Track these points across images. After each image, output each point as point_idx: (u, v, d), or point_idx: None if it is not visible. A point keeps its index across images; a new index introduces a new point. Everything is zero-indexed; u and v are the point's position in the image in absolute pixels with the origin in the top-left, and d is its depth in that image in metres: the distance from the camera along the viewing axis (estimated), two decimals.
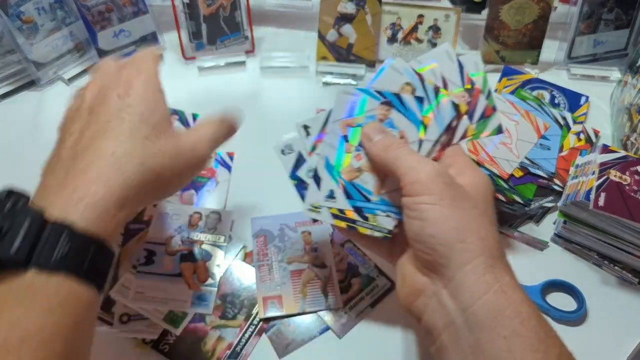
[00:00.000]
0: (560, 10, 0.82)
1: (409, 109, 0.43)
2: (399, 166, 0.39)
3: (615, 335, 0.51)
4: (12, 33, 0.70)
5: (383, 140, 0.41)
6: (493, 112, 0.44)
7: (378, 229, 0.43)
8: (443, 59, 0.45)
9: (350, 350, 0.50)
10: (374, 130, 0.42)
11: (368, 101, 0.43)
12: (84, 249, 0.34)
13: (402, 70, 0.44)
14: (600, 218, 0.53)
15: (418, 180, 0.37)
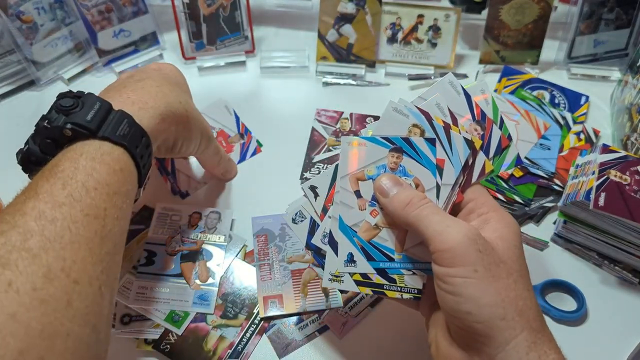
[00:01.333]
0: (560, 10, 0.82)
1: (421, 153, 0.40)
2: (424, 229, 0.36)
3: (615, 335, 0.51)
4: (12, 33, 0.70)
5: (400, 196, 0.38)
6: (509, 143, 0.41)
7: (407, 290, 0.39)
8: (448, 91, 0.42)
9: (350, 350, 0.50)
10: (388, 183, 0.39)
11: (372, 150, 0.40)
12: (138, 136, 0.42)
13: (405, 111, 0.40)
14: (600, 218, 0.53)
15: (449, 249, 0.34)
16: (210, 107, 0.71)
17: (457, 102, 0.41)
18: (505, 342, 0.33)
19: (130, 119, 0.42)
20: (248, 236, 0.57)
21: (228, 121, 0.70)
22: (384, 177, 0.39)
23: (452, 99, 0.41)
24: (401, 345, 0.50)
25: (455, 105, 0.41)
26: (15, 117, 0.73)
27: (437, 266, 0.35)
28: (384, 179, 0.39)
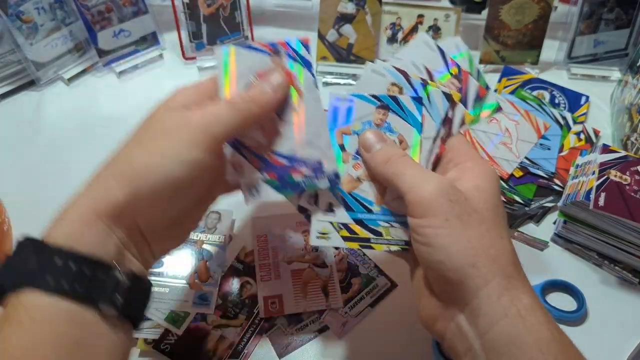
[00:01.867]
0: (560, 10, 0.82)
1: (407, 111, 0.41)
2: (400, 183, 0.36)
3: (615, 335, 0.51)
4: (12, 33, 0.70)
5: (382, 152, 0.39)
6: (487, 91, 0.42)
7: (394, 242, 0.40)
8: (422, 49, 0.43)
9: (350, 350, 0.50)
10: (372, 138, 0.39)
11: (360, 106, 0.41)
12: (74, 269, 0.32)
13: (383, 71, 0.42)
14: (600, 218, 0.53)
15: (421, 201, 0.35)
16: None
17: (432, 59, 0.43)
18: (477, 289, 0.33)
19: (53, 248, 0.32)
20: (248, 236, 0.57)
21: None
22: (369, 132, 0.40)
23: (427, 57, 0.43)
24: (401, 345, 0.50)
25: (431, 62, 0.43)
26: (15, 117, 0.73)
27: (411, 218, 0.36)
28: (369, 134, 0.40)
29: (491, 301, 0.33)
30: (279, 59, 0.40)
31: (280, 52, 0.40)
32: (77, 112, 0.74)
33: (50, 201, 0.62)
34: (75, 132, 0.71)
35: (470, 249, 0.33)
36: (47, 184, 0.64)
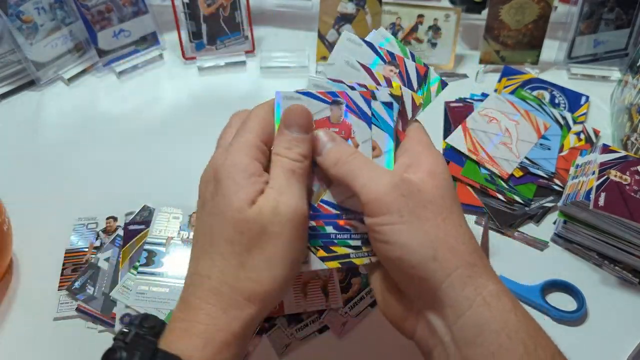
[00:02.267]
0: (560, 10, 0.82)
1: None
2: (352, 183, 0.35)
3: (615, 335, 0.51)
4: (12, 33, 0.70)
5: (332, 152, 0.37)
6: (427, 69, 0.41)
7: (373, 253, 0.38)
8: (350, 46, 0.42)
9: (350, 350, 0.50)
10: (324, 137, 0.37)
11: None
12: None
13: (326, 85, 0.41)
14: (600, 218, 0.53)
15: (374, 199, 0.34)
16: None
17: (362, 53, 0.42)
18: (441, 282, 0.33)
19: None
20: None
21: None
22: (320, 132, 0.38)
23: (357, 53, 0.42)
24: (401, 345, 0.50)
25: (362, 57, 0.42)
26: (15, 117, 0.73)
27: (367, 218, 0.34)
28: (320, 133, 0.38)
29: (456, 292, 0.32)
30: (338, 108, 0.39)
31: (341, 103, 0.39)
32: (77, 112, 0.74)
33: (50, 201, 0.62)
34: (75, 132, 0.71)
35: (429, 242, 0.33)
36: (47, 184, 0.64)
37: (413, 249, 0.33)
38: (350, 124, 0.39)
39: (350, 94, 0.39)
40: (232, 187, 0.33)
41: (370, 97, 0.39)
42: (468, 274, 0.33)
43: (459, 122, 0.68)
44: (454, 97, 0.74)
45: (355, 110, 0.39)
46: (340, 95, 0.39)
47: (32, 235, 0.57)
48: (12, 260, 0.55)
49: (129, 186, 0.62)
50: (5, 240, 0.52)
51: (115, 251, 0.56)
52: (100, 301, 0.52)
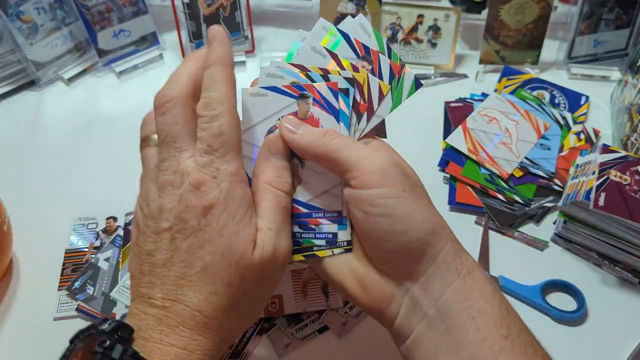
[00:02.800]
0: (560, 10, 0.83)
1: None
2: (346, 156, 0.34)
3: (615, 335, 0.51)
4: (12, 33, 0.70)
5: (313, 129, 0.36)
6: (402, 67, 0.39)
7: (336, 245, 0.37)
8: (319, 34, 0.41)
9: (350, 350, 0.50)
10: (293, 121, 0.36)
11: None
12: None
13: (279, 73, 0.39)
14: (600, 218, 0.53)
15: (376, 170, 0.33)
16: None
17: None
18: (435, 255, 0.34)
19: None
20: None
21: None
22: (286, 119, 0.37)
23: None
24: None
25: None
26: (15, 117, 0.73)
27: (363, 190, 0.33)
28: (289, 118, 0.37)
29: (447, 265, 0.34)
30: (304, 103, 0.38)
31: (307, 97, 0.38)
32: (77, 112, 0.74)
33: (50, 201, 0.62)
34: (75, 132, 0.71)
35: (428, 217, 0.34)
36: (47, 184, 0.64)
37: (416, 222, 0.33)
38: (318, 118, 0.38)
39: (317, 87, 0.38)
40: (233, 228, 0.32)
41: (337, 89, 0.38)
42: (455, 247, 0.35)
43: (459, 122, 0.68)
44: (454, 97, 0.74)
45: (323, 104, 0.38)
46: (307, 88, 0.38)
47: (32, 235, 0.57)
48: (12, 260, 0.55)
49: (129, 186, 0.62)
50: (5, 240, 0.52)
51: (115, 251, 0.56)
52: (100, 301, 0.52)
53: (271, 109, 0.38)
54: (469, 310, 0.33)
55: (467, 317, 0.33)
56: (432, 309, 0.34)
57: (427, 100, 0.75)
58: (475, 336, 0.33)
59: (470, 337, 0.33)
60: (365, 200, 0.34)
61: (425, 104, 0.74)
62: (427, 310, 0.34)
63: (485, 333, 0.33)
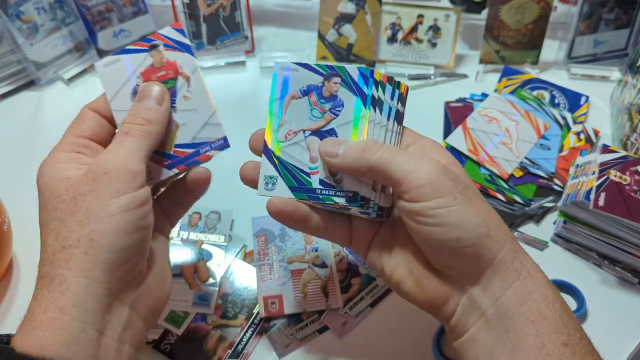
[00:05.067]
0: (560, 10, 0.83)
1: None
2: (391, 171, 0.34)
3: (615, 335, 0.51)
4: (12, 33, 0.70)
5: (353, 147, 0.36)
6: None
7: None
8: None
9: (350, 350, 0.50)
10: (333, 143, 0.37)
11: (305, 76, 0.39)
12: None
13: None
14: (600, 218, 0.53)
15: (426, 183, 0.33)
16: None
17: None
18: (493, 257, 0.34)
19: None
20: (248, 236, 0.57)
21: None
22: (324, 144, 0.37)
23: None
24: (401, 345, 0.50)
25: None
26: (15, 117, 0.73)
27: (414, 203, 0.34)
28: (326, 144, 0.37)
29: (506, 266, 0.34)
30: (157, 52, 0.40)
31: (157, 45, 0.40)
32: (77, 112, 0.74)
33: None
34: None
35: (482, 221, 0.34)
36: None
37: (470, 227, 0.34)
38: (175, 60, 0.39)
39: (163, 32, 0.40)
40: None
41: (182, 27, 0.40)
42: (514, 248, 0.35)
43: (459, 122, 0.68)
44: (454, 97, 0.74)
45: (173, 45, 0.40)
46: (154, 37, 0.40)
47: (32, 235, 0.57)
48: (12, 260, 0.55)
49: None
50: (5, 240, 0.52)
51: None
52: None
53: (127, 71, 0.39)
54: (528, 314, 0.33)
55: (526, 320, 0.33)
56: (490, 309, 0.34)
57: (427, 100, 0.75)
58: (535, 341, 0.33)
59: (530, 341, 0.33)
60: (418, 212, 0.34)
61: (425, 104, 0.74)
62: (485, 310, 0.35)
63: (545, 339, 0.33)
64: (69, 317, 0.31)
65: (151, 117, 0.37)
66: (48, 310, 0.31)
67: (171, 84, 0.39)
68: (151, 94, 0.38)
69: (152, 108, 0.38)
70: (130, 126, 0.37)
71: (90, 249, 0.32)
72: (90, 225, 0.32)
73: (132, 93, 0.39)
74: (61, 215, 0.33)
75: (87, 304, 0.32)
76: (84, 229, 0.32)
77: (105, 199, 0.33)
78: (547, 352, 0.32)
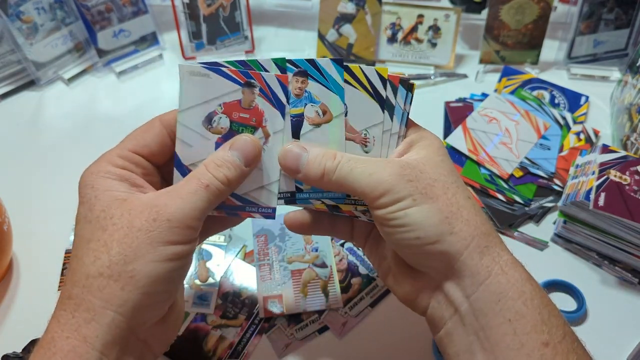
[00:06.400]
0: (560, 10, 0.82)
1: (327, 76, 0.36)
2: (353, 187, 0.35)
3: (615, 335, 0.51)
4: (12, 33, 0.70)
5: (312, 166, 0.36)
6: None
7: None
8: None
9: (350, 350, 0.50)
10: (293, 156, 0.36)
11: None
12: None
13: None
14: (600, 218, 0.53)
15: (383, 192, 0.34)
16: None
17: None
18: (459, 254, 0.34)
19: None
20: (248, 236, 0.57)
21: None
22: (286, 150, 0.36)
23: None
24: (401, 345, 0.50)
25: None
26: (15, 117, 0.73)
27: (378, 211, 0.35)
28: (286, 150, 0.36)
29: (474, 262, 0.34)
30: (250, 92, 0.36)
31: (254, 86, 0.36)
32: (77, 112, 0.74)
33: (50, 201, 0.62)
34: (75, 132, 0.71)
35: (444, 218, 0.34)
36: (47, 184, 0.64)
37: (430, 226, 0.34)
38: (263, 110, 0.36)
39: (265, 77, 0.36)
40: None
41: (287, 83, 0.36)
42: (485, 243, 0.34)
43: (459, 122, 0.68)
44: (454, 97, 0.74)
45: (270, 96, 0.36)
46: (255, 76, 0.36)
47: (32, 235, 0.57)
48: (12, 260, 0.55)
49: None
50: (5, 240, 0.52)
51: None
52: None
53: (212, 92, 0.36)
54: (504, 312, 0.32)
55: (502, 319, 0.32)
56: (464, 304, 0.34)
57: (427, 100, 0.75)
58: (513, 341, 0.32)
59: (507, 341, 0.32)
60: (382, 217, 0.35)
61: (425, 104, 0.74)
62: (458, 305, 0.34)
63: (524, 338, 0.32)
64: (90, 347, 0.31)
65: (233, 178, 0.35)
66: (70, 338, 0.31)
67: (249, 131, 0.36)
68: (244, 149, 0.35)
69: (239, 167, 0.35)
70: (211, 179, 0.34)
71: (127, 286, 0.31)
72: (135, 263, 0.31)
73: (206, 117, 0.36)
74: (107, 239, 0.32)
75: (108, 336, 0.31)
76: (128, 265, 0.31)
77: (157, 244, 0.32)
78: (526, 352, 0.32)
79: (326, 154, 0.36)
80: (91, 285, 0.31)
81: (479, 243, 0.34)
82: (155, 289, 0.32)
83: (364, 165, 0.35)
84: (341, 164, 0.35)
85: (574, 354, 0.33)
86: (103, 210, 0.33)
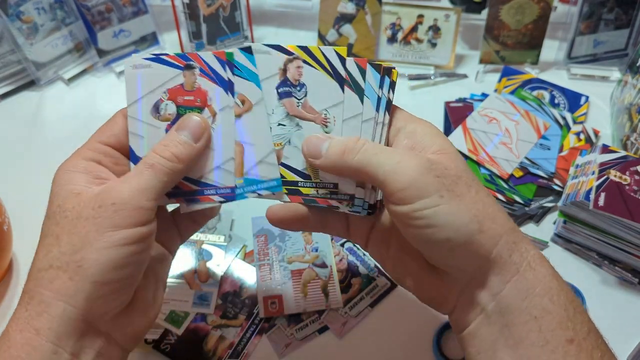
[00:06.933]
0: (560, 10, 0.83)
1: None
2: (373, 173, 0.33)
3: (615, 335, 0.51)
4: (12, 33, 0.70)
5: (334, 148, 0.35)
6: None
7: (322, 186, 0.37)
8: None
9: (350, 350, 0.50)
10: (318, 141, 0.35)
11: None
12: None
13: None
14: (600, 218, 0.53)
15: (408, 186, 0.32)
16: None
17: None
18: (488, 253, 0.32)
19: None
20: (248, 236, 0.57)
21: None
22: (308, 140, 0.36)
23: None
24: (401, 345, 0.50)
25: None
26: (15, 117, 0.73)
27: (400, 206, 0.33)
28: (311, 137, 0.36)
29: (504, 260, 0.33)
30: (191, 74, 0.36)
31: (193, 67, 0.36)
32: (77, 112, 0.74)
33: None
34: (75, 132, 0.71)
35: (473, 217, 0.32)
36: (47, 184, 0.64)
37: (459, 226, 0.32)
38: (206, 90, 0.36)
39: (203, 56, 0.36)
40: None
41: (225, 58, 0.36)
42: (512, 240, 0.33)
43: (459, 122, 0.69)
44: (454, 97, 0.74)
45: (210, 74, 0.36)
46: (193, 58, 0.36)
47: (32, 235, 0.57)
48: (12, 260, 0.55)
49: None
50: (5, 240, 0.52)
51: None
52: None
53: (156, 81, 0.36)
54: (530, 309, 0.32)
55: (528, 316, 0.32)
56: (490, 304, 0.33)
57: (427, 100, 0.75)
58: (538, 337, 0.31)
59: (532, 338, 0.31)
60: (405, 214, 0.33)
61: (425, 104, 0.74)
62: (485, 304, 0.33)
63: (549, 335, 0.31)
64: (44, 339, 0.31)
65: (182, 155, 0.34)
66: (24, 331, 0.31)
67: (196, 112, 0.37)
68: (191, 127, 0.35)
69: (186, 144, 0.35)
70: (156, 158, 0.34)
71: (76, 276, 0.31)
72: (83, 252, 0.31)
73: (153, 106, 0.36)
74: (59, 233, 0.32)
75: (61, 328, 0.31)
76: (76, 255, 0.31)
77: (104, 230, 0.32)
78: (551, 349, 0.31)
79: (350, 137, 0.35)
80: (42, 277, 0.32)
81: (507, 240, 0.33)
82: (108, 277, 0.32)
83: (392, 152, 0.34)
84: (366, 146, 0.34)
85: (598, 350, 0.32)
86: (59, 205, 0.34)
